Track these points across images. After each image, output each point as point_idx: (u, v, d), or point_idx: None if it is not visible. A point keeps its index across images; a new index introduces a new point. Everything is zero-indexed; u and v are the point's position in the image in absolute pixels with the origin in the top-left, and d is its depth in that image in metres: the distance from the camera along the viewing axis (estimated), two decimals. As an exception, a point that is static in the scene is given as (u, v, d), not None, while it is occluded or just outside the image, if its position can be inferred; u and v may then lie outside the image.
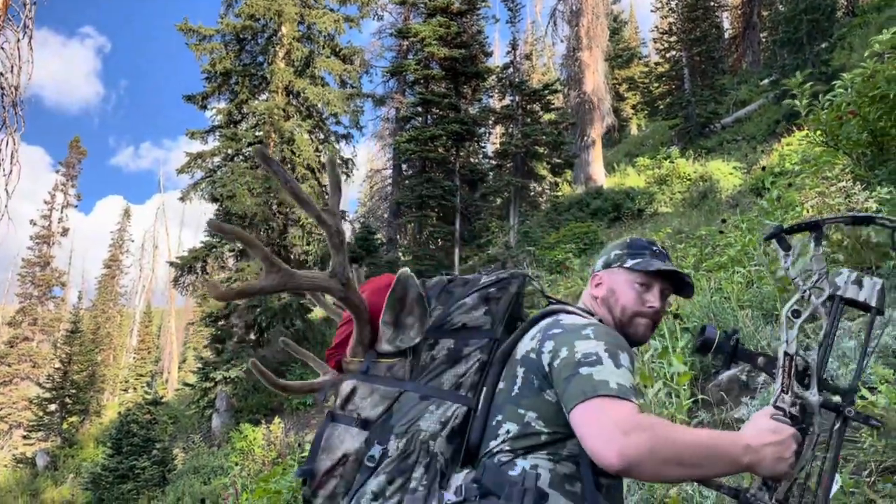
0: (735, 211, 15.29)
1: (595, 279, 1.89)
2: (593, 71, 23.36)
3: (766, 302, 4.30)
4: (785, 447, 1.38)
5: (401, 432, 1.61)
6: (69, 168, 38.64)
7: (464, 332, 1.75)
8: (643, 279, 1.81)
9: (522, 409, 1.58)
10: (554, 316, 1.72)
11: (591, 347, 1.50)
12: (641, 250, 1.86)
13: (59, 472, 23.38)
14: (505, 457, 1.55)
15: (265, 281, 1.65)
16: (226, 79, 20.94)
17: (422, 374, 1.71)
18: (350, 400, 1.73)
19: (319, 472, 1.66)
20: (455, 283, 1.87)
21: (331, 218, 1.72)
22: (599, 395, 1.38)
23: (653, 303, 1.79)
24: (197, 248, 19.77)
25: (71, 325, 31.09)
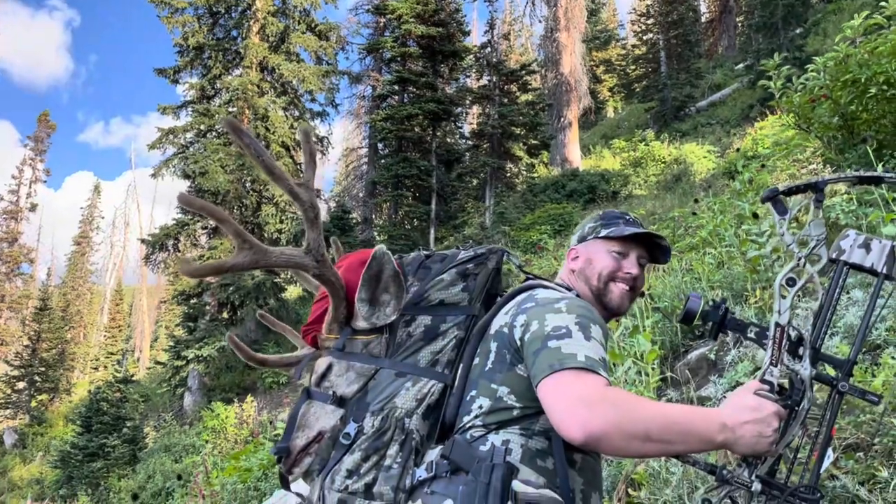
0: (708, 194, 15.44)
1: (571, 253, 1.88)
2: (571, 52, 23.31)
3: (736, 282, 4.34)
4: (766, 424, 1.33)
5: (376, 409, 1.59)
6: (38, 143, 37.85)
7: (441, 309, 1.73)
8: (619, 247, 1.80)
9: (495, 384, 1.56)
10: (530, 291, 1.70)
11: (561, 321, 1.48)
12: (615, 220, 1.85)
13: (27, 450, 23.12)
14: (477, 432, 1.53)
15: (237, 258, 1.59)
16: (199, 53, 20.57)
17: (398, 351, 1.69)
18: (326, 377, 1.70)
19: (295, 449, 1.64)
20: (433, 258, 1.84)
21: (305, 192, 1.66)
22: (566, 367, 1.36)
23: (629, 269, 1.78)
24: (169, 225, 19.53)
25: (40, 303, 30.60)
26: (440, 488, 1.46)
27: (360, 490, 1.51)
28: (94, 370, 37.56)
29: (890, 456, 2.20)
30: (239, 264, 1.60)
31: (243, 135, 1.54)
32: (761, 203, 2.16)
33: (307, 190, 1.67)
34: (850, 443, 2.38)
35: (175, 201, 13.50)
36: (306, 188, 1.67)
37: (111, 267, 46.61)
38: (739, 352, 3.62)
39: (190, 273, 1.56)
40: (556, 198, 19.81)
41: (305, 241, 1.67)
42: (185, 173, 18.92)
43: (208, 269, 1.61)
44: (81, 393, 30.81)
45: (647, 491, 2.75)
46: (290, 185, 1.62)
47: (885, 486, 2.06)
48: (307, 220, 1.67)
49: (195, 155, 18.81)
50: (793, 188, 1.53)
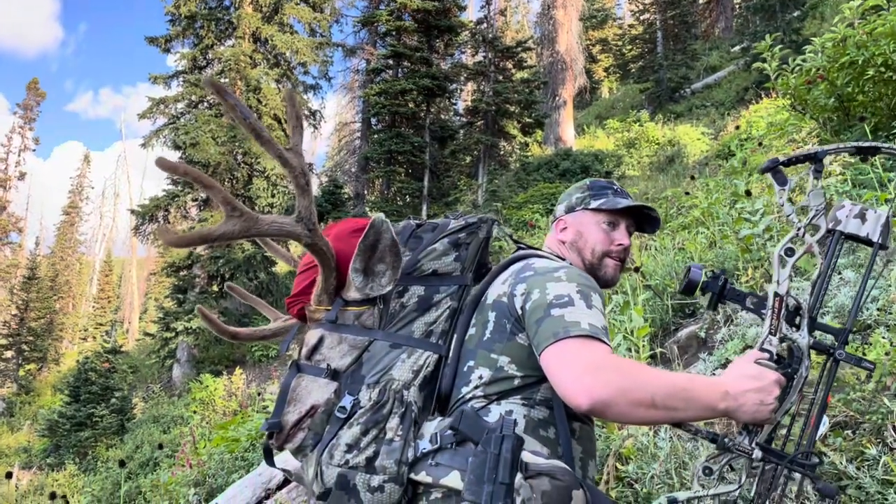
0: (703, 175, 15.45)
1: (559, 224, 1.88)
2: (567, 30, 23.15)
3: (728, 261, 4.35)
4: (767, 392, 1.36)
5: (372, 382, 1.56)
6: (27, 111, 37.42)
7: (434, 279, 1.70)
8: (610, 218, 1.81)
9: (495, 353, 1.55)
10: (525, 260, 1.70)
11: (563, 289, 1.48)
12: (603, 190, 1.85)
13: (15, 418, 23.12)
14: (479, 402, 1.53)
15: (226, 226, 1.52)
16: (190, 22, 20.28)
17: (391, 322, 1.65)
18: (317, 350, 1.65)
19: (287, 424, 1.59)
20: (424, 228, 1.81)
21: (294, 158, 1.60)
22: (571, 335, 1.36)
23: (621, 240, 1.80)
24: (159, 196, 19.38)
25: (28, 272, 30.42)
26: (445, 460, 1.45)
27: (361, 464, 1.48)
28: (83, 340, 37.50)
29: (878, 434, 2.21)
30: (228, 233, 1.53)
31: (227, 95, 1.46)
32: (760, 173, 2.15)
33: (296, 155, 1.61)
34: (839, 420, 2.39)
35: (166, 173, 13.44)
36: (295, 153, 1.61)
37: (101, 237, 46.36)
38: (730, 330, 3.62)
39: (173, 242, 1.51)
40: (549, 177, 19.77)
41: (296, 208, 1.62)
42: (176, 144, 18.74)
43: (194, 238, 1.56)
44: (70, 363, 30.77)
45: (635, 465, 2.76)
46: (278, 150, 1.56)
47: (874, 463, 2.07)
48: (298, 187, 1.61)
49: (186, 126, 18.62)
50: (792, 158, 1.54)
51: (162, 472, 10.36)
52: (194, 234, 1.55)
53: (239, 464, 5.06)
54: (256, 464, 4.92)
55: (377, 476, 1.46)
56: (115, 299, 42.98)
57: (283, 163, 1.58)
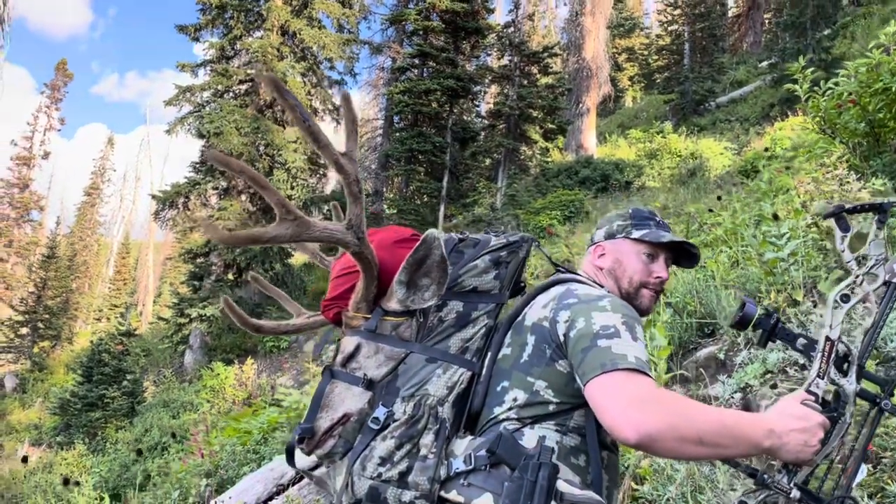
0: (722, 191, 15.35)
1: (598, 249, 1.89)
2: (594, 37, 23.08)
3: (750, 283, 4.33)
4: (811, 434, 1.37)
5: (407, 395, 1.57)
6: (54, 91, 37.82)
7: (473, 296, 1.71)
8: (650, 250, 1.83)
9: (532, 377, 1.56)
10: (566, 285, 1.70)
11: (608, 319, 1.48)
12: (645, 220, 1.87)
13: (27, 395, 23.37)
14: (511, 424, 1.54)
15: (279, 229, 1.53)
16: (220, 12, 20.39)
17: (428, 335, 1.66)
18: (353, 358, 1.66)
19: (319, 430, 1.60)
20: (466, 243, 1.82)
21: (349, 164, 1.59)
22: (618, 368, 1.37)
23: (659, 273, 1.82)
24: (181, 183, 19.50)
25: (48, 250, 30.73)
26: (478, 481, 1.46)
27: (393, 478, 1.49)
28: (97, 321, 37.86)
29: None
30: (280, 236, 1.55)
31: (287, 94, 1.45)
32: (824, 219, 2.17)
33: (351, 161, 1.61)
34: (859, 453, 2.39)
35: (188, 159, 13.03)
36: (350, 159, 1.61)
37: (120, 220, 46.77)
38: (750, 353, 3.61)
39: (223, 240, 1.50)
40: (569, 184, 19.73)
41: (347, 216, 1.62)
42: (200, 132, 18.86)
43: (245, 238, 1.56)
44: (83, 342, 31.05)
45: (651, 486, 2.77)
46: (335, 155, 1.56)
47: (894, 501, 2.06)
48: (350, 195, 1.61)
49: (211, 114, 18.72)
50: (857, 207, 1.57)
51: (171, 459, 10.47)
52: (245, 234, 1.55)
53: (250, 456, 5.10)
54: (268, 458, 4.96)
55: (409, 492, 1.47)
56: (130, 282, 43.35)
57: (338, 168, 1.58)
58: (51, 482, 11.40)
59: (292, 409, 5.68)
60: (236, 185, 19.39)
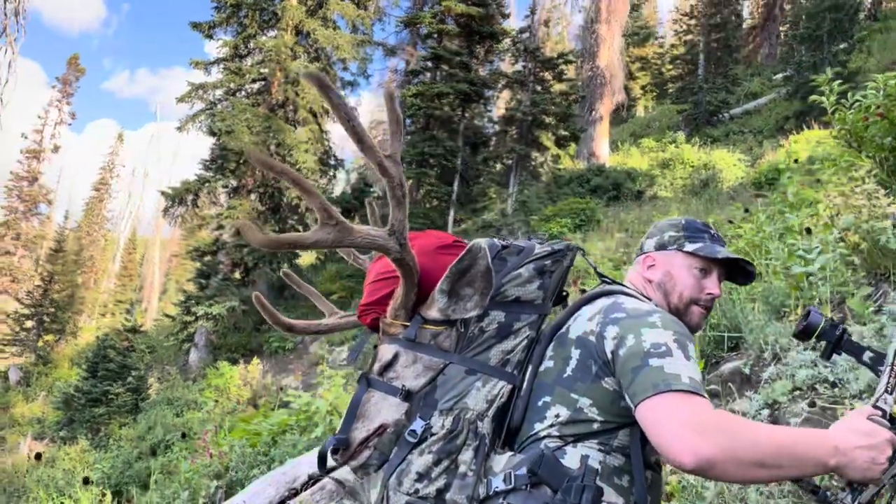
0: (735, 202, 15.25)
1: (647, 260, 1.81)
2: (609, 45, 23.01)
3: (774, 297, 4.24)
4: (879, 451, 1.29)
5: (446, 408, 1.50)
6: (66, 85, 37.96)
7: (515, 306, 1.63)
8: (703, 264, 1.74)
9: (576, 393, 1.49)
10: (612, 297, 1.62)
11: (659, 337, 1.41)
12: (699, 233, 1.78)
13: (31, 388, 23.37)
14: (553, 442, 1.47)
15: (320, 234, 1.48)
16: (235, 10, 20.43)
17: (468, 346, 1.58)
18: (391, 367, 1.60)
19: (354, 441, 1.54)
20: (509, 250, 1.73)
21: (393, 167, 1.52)
22: (672, 389, 1.29)
23: (711, 289, 1.74)
24: (190, 180, 19.50)
25: (55, 244, 30.79)
26: (518, 502, 1.39)
27: (431, 495, 1.42)
28: (102, 316, 37.92)
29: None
30: (321, 241, 1.49)
31: (331, 92, 1.39)
32: None
33: (395, 164, 1.53)
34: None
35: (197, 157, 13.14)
36: (394, 162, 1.53)
37: (127, 216, 46.85)
38: (778, 368, 3.52)
39: (261, 243, 1.43)
40: (580, 192, 19.65)
41: (390, 221, 1.56)
42: (212, 130, 18.88)
43: (285, 242, 1.50)
44: (87, 337, 31.08)
45: (678, 503, 2.68)
46: (379, 158, 1.49)
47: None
48: (394, 199, 1.54)
49: (222, 113, 18.73)
50: None
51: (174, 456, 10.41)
52: (285, 238, 1.50)
53: (260, 459, 5.03)
54: (278, 460, 4.89)
55: None
56: (136, 277, 43.42)
57: (382, 171, 1.51)
58: (53, 476, 11.37)
59: (302, 412, 5.61)
60: (246, 184, 19.39)
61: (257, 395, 14.71)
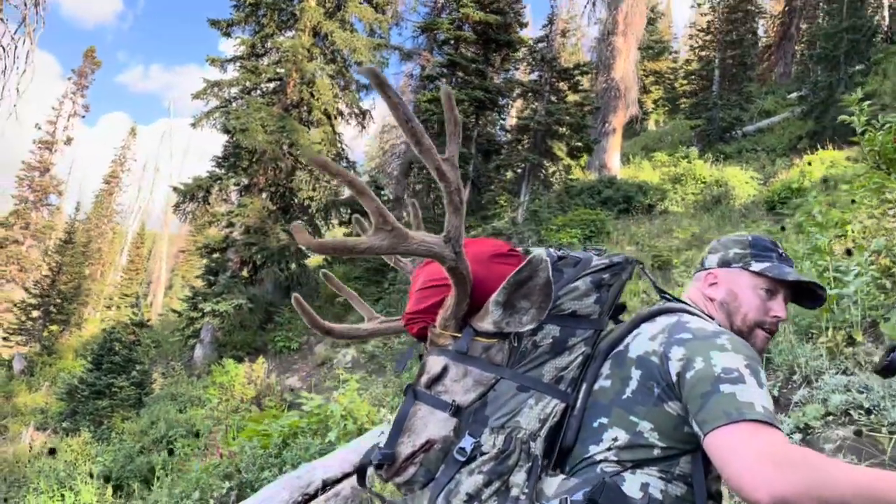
0: (747, 220, 15.18)
1: (709, 277, 1.74)
2: (625, 58, 22.98)
3: (802, 318, 4.17)
4: None
5: (497, 426, 1.44)
6: (81, 77, 38.08)
7: (571, 320, 1.56)
8: (769, 285, 1.67)
9: (636, 416, 1.42)
10: (675, 315, 1.55)
11: (730, 361, 1.34)
12: (767, 252, 1.71)
13: (34, 378, 23.34)
14: (609, 467, 1.40)
15: (374, 240, 1.44)
16: (254, 9, 20.46)
17: (520, 361, 1.52)
18: (440, 380, 1.54)
19: (400, 456, 1.49)
20: (565, 261, 1.67)
21: (451, 171, 1.47)
22: (745, 419, 1.23)
23: (777, 312, 1.66)
24: (202, 177, 19.49)
25: (65, 235, 30.82)
26: None
27: None
28: (107, 308, 37.92)
29: None
30: (376, 247, 1.44)
31: (389, 90, 1.34)
32: None
33: (453, 168, 1.48)
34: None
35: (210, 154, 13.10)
36: (452, 166, 1.48)
37: (137, 210, 46.89)
38: (809, 392, 3.46)
39: (311, 246, 1.40)
40: (591, 203, 19.59)
41: (446, 228, 1.50)
42: (226, 128, 18.86)
43: (339, 248, 1.45)
44: (92, 329, 31.08)
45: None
46: (437, 161, 1.44)
47: None
48: (451, 204, 1.48)
49: (237, 111, 18.72)
50: None
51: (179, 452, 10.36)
52: (337, 243, 1.45)
53: (272, 461, 4.98)
54: (290, 463, 4.84)
55: None
56: (143, 272, 43.45)
57: (440, 175, 1.46)
58: (54, 468, 11.33)
59: (314, 415, 5.56)
60: (258, 182, 19.38)
61: (261, 395, 14.66)
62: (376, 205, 1.41)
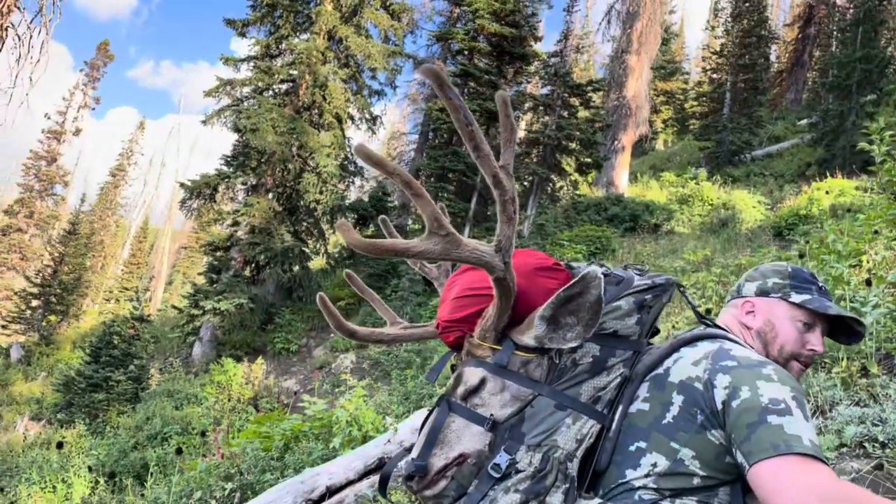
0: (754, 244, 15.15)
1: (746, 305, 1.72)
2: (637, 77, 23.02)
3: (816, 347, 4.14)
4: None
5: (534, 444, 1.41)
6: (94, 70, 38.20)
7: (612, 340, 1.53)
8: (808, 318, 1.65)
9: (677, 443, 1.39)
10: (717, 342, 1.53)
11: (777, 392, 1.33)
12: (807, 284, 1.70)
13: (31, 367, 23.30)
14: (648, 494, 1.37)
15: (428, 244, 1.41)
16: (270, 10, 20.54)
17: (559, 378, 1.49)
18: (477, 393, 1.51)
19: (433, 469, 1.45)
20: (609, 279, 1.63)
21: (507, 179, 1.43)
22: (794, 452, 1.22)
23: (815, 345, 1.65)
24: (210, 174, 19.50)
25: (69, 226, 30.84)
26: None
27: None
28: (106, 301, 37.88)
29: None
30: (428, 251, 1.41)
31: (451, 92, 1.30)
32: None
33: (508, 177, 1.44)
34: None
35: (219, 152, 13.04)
36: (508, 174, 1.44)
37: (141, 204, 46.95)
38: (822, 422, 3.43)
39: (359, 246, 1.36)
40: (597, 220, 19.60)
41: (497, 237, 1.47)
42: (236, 127, 18.89)
43: (391, 249, 1.42)
44: (90, 321, 31.03)
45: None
46: (494, 168, 1.40)
47: None
48: (504, 214, 1.45)
49: (249, 110, 18.74)
50: None
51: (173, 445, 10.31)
52: (389, 245, 1.41)
53: (274, 464, 4.94)
54: (292, 467, 4.80)
55: None
56: (144, 266, 43.44)
57: (496, 183, 1.42)
58: (48, 459, 11.27)
59: (317, 420, 5.52)
60: (265, 182, 19.39)
61: (259, 396, 14.62)
62: (432, 208, 1.38)
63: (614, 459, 1.44)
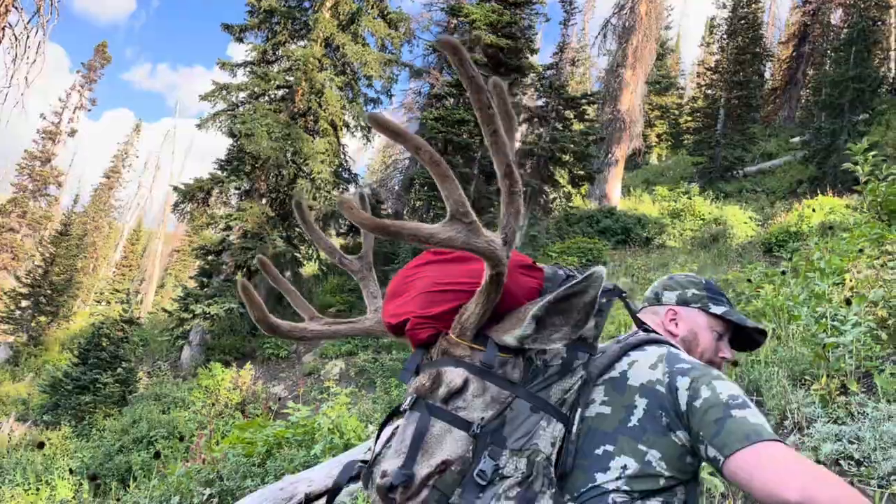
0: (744, 260, 15.22)
1: (670, 314, 1.80)
2: (632, 91, 23.16)
3: (796, 364, 4.17)
4: None
5: (517, 448, 1.37)
6: (91, 71, 38.15)
7: (576, 343, 1.50)
8: (722, 328, 1.79)
9: (644, 445, 1.40)
10: (664, 346, 1.58)
11: (731, 389, 1.41)
12: (720, 296, 1.83)
13: (19, 368, 23.16)
14: (620, 497, 1.37)
15: (450, 231, 1.33)
16: (268, 16, 20.61)
17: (532, 380, 1.46)
18: (460, 395, 1.43)
19: (418, 478, 1.35)
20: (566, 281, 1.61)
21: (517, 170, 1.39)
22: (764, 439, 1.29)
23: (726, 354, 1.79)
24: (203, 178, 19.49)
25: (61, 227, 30.74)
26: None
27: None
28: (97, 303, 37.73)
29: None
30: (451, 240, 1.33)
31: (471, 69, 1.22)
32: None
33: (517, 168, 1.39)
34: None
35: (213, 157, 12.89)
36: (517, 165, 1.39)
37: (134, 206, 46.86)
38: (799, 438, 3.45)
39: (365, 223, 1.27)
40: (589, 232, 19.67)
41: (503, 230, 1.40)
42: (231, 131, 18.91)
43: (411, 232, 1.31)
44: (80, 322, 30.87)
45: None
46: (508, 159, 1.34)
47: None
48: (512, 206, 1.39)
49: (244, 115, 18.77)
50: None
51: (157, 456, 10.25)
52: (410, 227, 1.31)
53: (255, 470, 4.93)
54: (272, 474, 4.79)
55: None
56: (136, 268, 43.29)
57: (508, 172, 1.36)
58: (32, 460, 11.19)
59: (300, 426, 5.51)
60: (259, 187, 19.39)
61: (246, 401, 14.56)
62: (460, 193, 1.32)
63: (578, 462, 1.43)
